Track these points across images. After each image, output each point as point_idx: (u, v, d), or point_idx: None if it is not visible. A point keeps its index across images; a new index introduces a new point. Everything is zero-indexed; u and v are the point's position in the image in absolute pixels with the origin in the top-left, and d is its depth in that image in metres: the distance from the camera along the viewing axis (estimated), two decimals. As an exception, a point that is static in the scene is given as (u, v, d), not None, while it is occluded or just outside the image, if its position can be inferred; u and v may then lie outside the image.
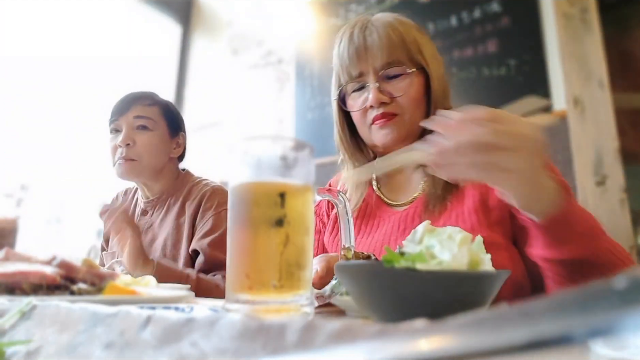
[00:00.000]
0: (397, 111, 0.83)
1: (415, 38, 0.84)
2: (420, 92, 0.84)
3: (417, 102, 0.84)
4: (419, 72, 0.84)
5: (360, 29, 0.84)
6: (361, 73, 0.84)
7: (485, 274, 0.39)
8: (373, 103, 0.82)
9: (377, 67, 0.82)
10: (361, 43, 0.83)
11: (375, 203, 0.91)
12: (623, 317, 0.14)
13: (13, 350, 0.36)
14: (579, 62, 1.84)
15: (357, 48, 0.83)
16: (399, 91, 0.82)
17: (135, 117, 1.25)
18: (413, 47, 0.83)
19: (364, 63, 0.83)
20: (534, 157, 0.52)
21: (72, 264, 0.54)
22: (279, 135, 2.41)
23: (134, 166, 1.24)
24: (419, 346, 0.18)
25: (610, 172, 1.72)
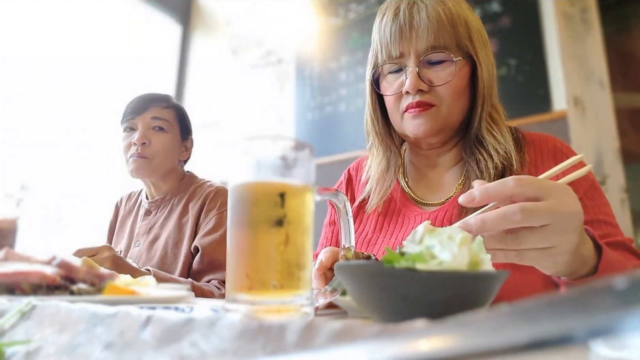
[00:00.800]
0: (435, 101, 0.75)
1: (467, 21, 0.76)
2: (464, 83, 0.76)
3: (459, 94, 0.76)
4: (466, 61, 0.76)
5: (408, 3, 0.76)
6: (401, 54, 0.76)
7: (485, 274, 0.39)
8: (410, 89, 0.74)
9: (420, 50, 0.74)
10: (407, 21, 0.74)
11: (400, 199, 0.84)
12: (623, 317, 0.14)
13: (13, 350, 0.36)
14: (579, 62, 1.84)
15: (401, 26, 0.75)
16: (440, 79, 0.74)
17: (153, 117, 1.28)
18: (463, 31, 0.75)
19: (407, 44, 0.75)
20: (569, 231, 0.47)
21: (72, 264, 0.54)
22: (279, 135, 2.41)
23: (147, 164, 1.26)
24: (419, 346, 0.18)
25: (610, 172, 1.72)
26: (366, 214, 0.87)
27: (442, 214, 0.77)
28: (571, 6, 1.89)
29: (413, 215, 0.81)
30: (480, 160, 0.75)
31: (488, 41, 0.80)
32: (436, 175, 0.85)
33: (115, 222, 1.44)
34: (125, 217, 1.42)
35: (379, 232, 0.83)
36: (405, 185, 0.86)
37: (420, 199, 0.83)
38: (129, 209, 1.42)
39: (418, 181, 0.86)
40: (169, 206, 1.31)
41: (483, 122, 0.77)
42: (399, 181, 0.87)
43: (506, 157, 0.74)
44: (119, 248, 1.34)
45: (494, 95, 0.79)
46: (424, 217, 0.79)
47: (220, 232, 1.18)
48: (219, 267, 1.15)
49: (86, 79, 2.54)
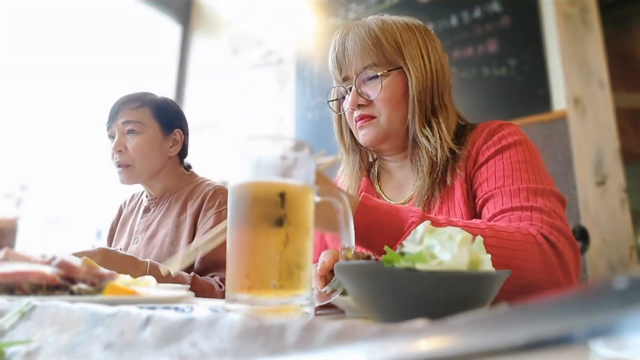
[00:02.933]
0: (373, 113, 0.85)
1: (396, 39, 0.85)
2: (399, 93, 0.85)
3: (396, 104, 0.85)
4: (399, 73, 0.85)
5: (340, 35, 0.88)
6: (346, 77, 0.88)
7: (485, 274, 0.39)
8: (350, 105, 0.86)
9: (355, 71, 0.86)
10: (340, 50, 0.87)
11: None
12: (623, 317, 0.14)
13: (13, 351, 0.36)
14: (579, 62, 1.84)
15: (337, 54, 0.88)
16: (374, 93, 0.85)
17: (124, 122, 1.25)
18: (390, 47, 0.84)
19: (345, 68, 0.87)
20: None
21: (72, 264, 0.54)
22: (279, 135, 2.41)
23: (130, 172, 1.26)
24: (419, 346, 0.18)
25: (610, 172, 1.72)
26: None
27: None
28: (571, 6, 1.89)
29: None
30: (418, 159, 0.85)
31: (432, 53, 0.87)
32: (402, 177, 0.94)
33: (117, 223, 1.44)
34: (127, 216, 1.42)
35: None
36: (378, 188, 0.96)
37: (390, 199, 0.93)
38: (130, 209, 1.42)
39: (388, 184, 0.97)
40: (167, 204, 1.31)
41: (417, 127, 0.85)
42: (373, 185, 0.97)
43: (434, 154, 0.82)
44: (119, 246, 1.34)
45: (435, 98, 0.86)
46: None
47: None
48: (221, 266, 1.15)
49: (86, 79, 2.54)
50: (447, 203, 0.81)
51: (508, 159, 0.78)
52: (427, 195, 0.82)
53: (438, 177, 0.82)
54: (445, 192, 0.82)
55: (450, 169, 0.82)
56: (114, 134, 1.26)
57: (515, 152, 0.78)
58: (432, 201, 0.82)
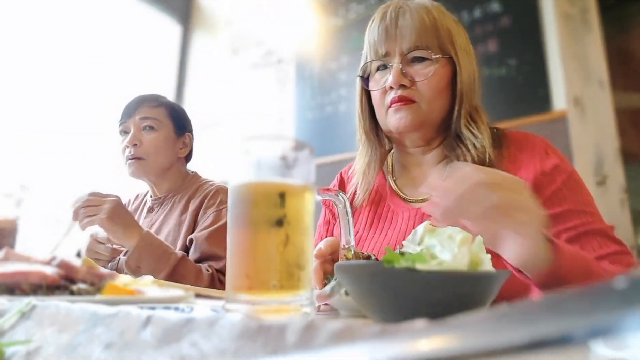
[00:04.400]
0: (416, 97, 0.80)
1: (449, 27, 0.81)
2: (444, 82, 0.80)
3: (439, 92, 0.80)
4: (447, 62, 0.81)
5: (394, 9, 0.82)
6: (387, 53, 0.81)
7: (485, 274, 0.39)
8: (392, 84, 0.79)
9: (404, 49, 0.80)
10: (392, 22, 0.81)
11: (389, 197, 0.89)
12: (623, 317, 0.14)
13: (13, 350, 0.36)
14: (579, 62, 1.84)
15: (387, 26, 0.81)
16: (421, 76, 0.79)
17: (142, 118, 1.29)
18: (445, 34, 0.80)
19: (392, 42, 0.80)
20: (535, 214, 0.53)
21: (72, 264, 0.54)
22: (279, 135, 2.41)
23: (142, 165, 1.28)
24: (419, 346, 0.18)
25: (610, 172, 1.72)
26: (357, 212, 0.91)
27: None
28: (571, 6, 1.89)
29: (401, 210, 0.85)
30: (460, 155, 0.80)
31: (472, 52, 0.85)
32: (421, 173, 0.88)
33: None
34: None
35: (369, 229, 0.87)
36: (393, 183, 0.90)
37: (408, 196, 0.87)
38: (134, 209, 1.43)
39: (405, 179, 0.91)
40: (171, 204, 1.33)
41: (462, 120, 0.81)
42: (387, 180, 0.91)
43: (482, 151, 0.79)
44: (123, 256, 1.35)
45: (474, 98, 0.83)
46: (411, 213, 0.83)
47: (216, 226, 1.19)
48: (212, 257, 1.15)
49: (87, 79, 2.54)
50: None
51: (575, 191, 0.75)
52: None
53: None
54: None
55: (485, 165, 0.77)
56: (128, 130, 1.29)
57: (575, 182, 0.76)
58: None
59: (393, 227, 0.83)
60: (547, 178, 0.75)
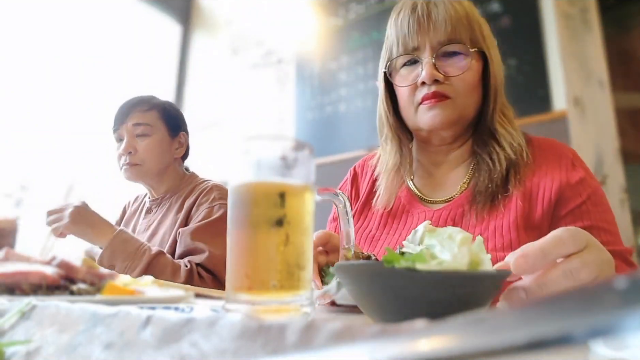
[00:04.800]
0: (450, 93, 0.76)
1: (480, 22, 0.79)
2: (477, 76, 0.78)
3: (473, 87, 0.77)
4: (479, 56, 0.78)
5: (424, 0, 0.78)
6: (417, 47, 0.77)
7: (485, 274, 0.39)
8: (426, 79, 0.75)
9: (437, 42, 0.76)
10: (425, 13, 0.76)
11: (406, 197, 0.85)
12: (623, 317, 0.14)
13: (13, 351, 0.36)
14: (579, 62, 1.84)
15: (419, 18, 0.76)
16: (456, 70, 0.76)
17: (134, 124, 1.27)
18: (477, 27, 0.77)
19: (425, 35, 0.76)
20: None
21: (72, 264, 0.54)
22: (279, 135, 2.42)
23: (138, 170, 1.28)
24: (419, 346, 0.18)
25: (610, 172, 1.72)
26: (372, 210, 0.88)
27: (447, 213, 0.78)
28: (571, 6, 1.89)
29: (417, 212, 0.82)
30: (493, 152, 0.77)
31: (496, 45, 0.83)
32: (441, 174, 0.85)
33: (120, 224, 1.45)
34: (130, 217, 1.43)
35: (383, 228, 0.84)
36: (411, 183, 0.87)
37: (425, 196, 0.84)
38: (133, 210, 1.44)
39: (424, 179, 0.87)
40: (168, 204, 1.33)
41: (496, 115, 0.78)
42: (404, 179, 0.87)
43: (519, 150, 0.76)
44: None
45: (502, 94, 0.81)
46: (427, 215, 0.80)
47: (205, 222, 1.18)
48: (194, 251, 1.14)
49: (87, 79, 2.54)
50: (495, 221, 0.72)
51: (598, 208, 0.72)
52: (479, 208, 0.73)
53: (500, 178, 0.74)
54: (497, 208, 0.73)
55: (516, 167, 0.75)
56: (122, 136, 1.28)
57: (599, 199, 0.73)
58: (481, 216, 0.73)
59: (408, 228, 0.80)
60: (572, 191, 0.72)
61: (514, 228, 0.70)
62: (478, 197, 0.75)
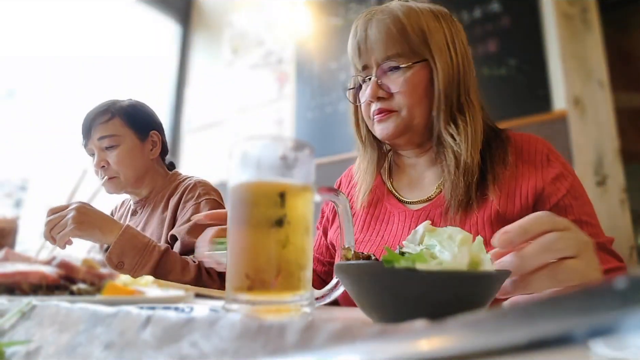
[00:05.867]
0: (393, 107, 0.80)
1: (422, 27, 0.78)
2: (421, 87, 0.79)
3: (418, 98, 0.79)
4: (423, 65, 0.79)
5: (363, 21, 0.82)
6: (365, 66, 0.82)
7: (485, 274, 0.39)
8: (370, 97, 0.81)
9: (378, 60, 0.80)
10: (362, 37, 0.81)
11: (385, 196, 0.88)
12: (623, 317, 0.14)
13: (13, 351, 0.36)
14: (579, 62, 1.84)
15: (358, 42, 0.81)
16: (396, 86, 0.79)
17: (99, 138, 1.26)
18: (416, 37, 0.78)
19: (365, 57, 0.81)
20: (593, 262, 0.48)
21: (72, 264, 0.54)
22: (279, 135, 2.41)
23: (117, 183, 1.27)
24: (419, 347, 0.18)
25: (610, 172, 1.72)
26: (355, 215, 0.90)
27: (425, 213, 0.81)
28: (571, 6, 1.89)
29: (397, 212, 0.84)
30: (443, 159, 0.79)
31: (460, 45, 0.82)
32: (417, 174, 0.88)
33: None
34: None
35: (367, 231, 0.86)
36: (390, 185, 0.90)
37: (405, 197, 0.86)
38: (120, 216, 1.43)
39: (400, 180, 0.90)
40: (152, 204, 1.32)
41: (442, 124, 0.79)
42: (384, 181, 0.91)
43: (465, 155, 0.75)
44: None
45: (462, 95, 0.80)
46: (407, 214, 0.82)
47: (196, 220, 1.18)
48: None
49: (87, 79, 2.54)
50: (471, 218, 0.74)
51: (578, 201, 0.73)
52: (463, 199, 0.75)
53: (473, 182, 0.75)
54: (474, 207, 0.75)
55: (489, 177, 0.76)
56: (93, 151, 1.27)
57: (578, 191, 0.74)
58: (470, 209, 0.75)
59: (390, 230, 0.83)
60: (550, 187, 0.73)
61: (489, 225, 0.72)
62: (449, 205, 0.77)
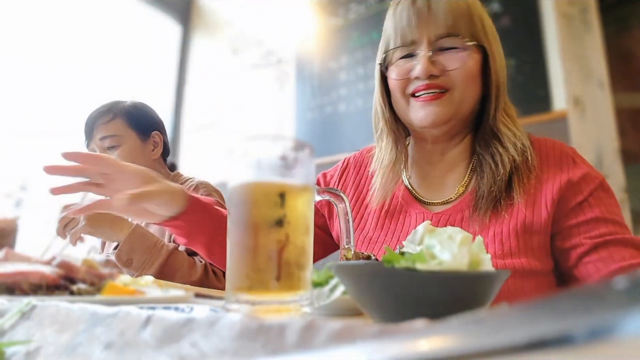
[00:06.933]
0: (448, 85, 0.73)
1: (480, 13, 0.76)
2: (476, 70, 0.74)
3: (472, 79, 0.74)
4: (478, 50, 0.75)
5: None
6: (414, 41, 0.75)
7: (485, 274, 0.39)
8: (421, 74, 0.73)
9: (435, 35, 0.73)
10: (425, 5, 0.74)
11: (403, 197, 0.82)
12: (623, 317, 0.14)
13: (13, 351, 0.36)
14: (579, 62, 1.84)
15: (419, 9, 0.74)
16: (454, 63, 0.73)
17: (101, 138, 1.26)
18: (478, 20, 0.75)
19: (423, 28, 0.74)
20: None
21: (72, 264, 0.54)
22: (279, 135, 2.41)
23: None
24: (419, 347, 0.18)
25: (610, 172, 1.72)
26: (367, 209, 0.85)
27: (446, 217, 0.76)
28: (571, 6, 1.89)
29: (415, 214, 0.79)
30: (496, 153, 0.74)
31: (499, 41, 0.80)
32: (439, 173, 0.82)
33: None
34: None
35: (380, 230, 0.81)
36: (407, 182, 0.84)
37: (423, 197, 0.81)
38: None
39: (421, 178, 0.84)
40: None
41: (498, 114, 0.75)
42: (401, 177, 0.85)
43: (523, 151, 0.73)
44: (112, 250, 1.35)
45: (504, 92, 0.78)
46: (426, 217, 0.77)
47: None
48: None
49: (87, 79, 2.54)
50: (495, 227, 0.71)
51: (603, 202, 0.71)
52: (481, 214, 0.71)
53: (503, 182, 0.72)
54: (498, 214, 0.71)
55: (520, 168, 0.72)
56: (95, 151, 1.27)
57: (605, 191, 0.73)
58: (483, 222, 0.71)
59: (406, 231, 0.78)
60: (575, 187, 0.71)
61: (514, 235, 0.70)
62: (480, 202, 0.73)
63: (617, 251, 0.66)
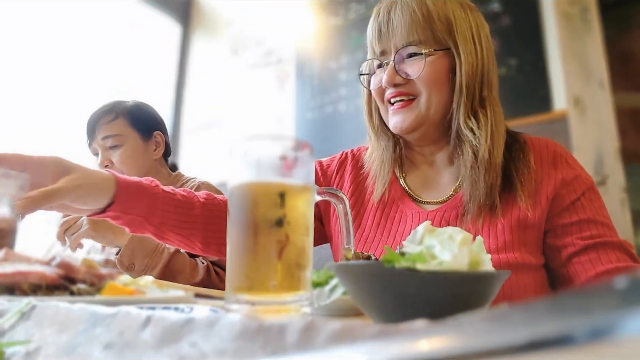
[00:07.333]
0: (415, 92, 0.77)
1: (449, 16, 0.76)
2: (441, 75, 0.76)
3: (438, 85, 0.76)
4: (445, 54, 0.76)
5: (387, 4, 0.80)
6: (383, 51, 0.80)
7: (485, 274, 0.38)
8: (386, 83, 0.77)
9: (398, 46, 0.77)
10: (384, 20, 0.79)
11: (399, 196, 0.84)
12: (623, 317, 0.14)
13: (13, 351, 0.36)
14: (579, 62, 1.84)
15: (380, 24, 0.79)
16: (414, 71, 0.76)
17: (103, 138, 1.26)
18: (442, 25, 0.75)
19: (386, 41, 0.79)
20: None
21: (71, 264, 0.54)
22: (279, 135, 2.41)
23: None
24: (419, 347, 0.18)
25: (610, 172, 1.72)
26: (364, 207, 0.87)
27: (440, 214, 0.78)
28: (571, 6, 1.89)
29: (411, 213, 0.81)
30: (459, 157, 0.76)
31: (485, 40, 0.79)
32: (433, 173, 0.84)
33: None
34: None
35: (376, 229, 0.83)
36: (403, 181, 0.86)
37: (418, 196, 0.83)
38: None
39: (415, 177, 0.86)
40: None
41: (461, 116, 0.76)
42: (397, 177, 0.86)
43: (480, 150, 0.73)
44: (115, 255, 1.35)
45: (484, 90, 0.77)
46: (422, 216, 0.79)
47: None
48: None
49: (87, 79, 2.54)
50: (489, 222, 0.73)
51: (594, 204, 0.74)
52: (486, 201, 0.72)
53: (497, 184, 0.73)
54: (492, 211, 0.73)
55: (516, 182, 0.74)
56: (97, 151, 1.27)
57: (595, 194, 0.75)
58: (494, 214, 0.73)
59: (402, 230, 0.80)
60: (568, 188, 0.74)
61: (509, 230, 0.71)
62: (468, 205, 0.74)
63: (605, 254, 0.69)
